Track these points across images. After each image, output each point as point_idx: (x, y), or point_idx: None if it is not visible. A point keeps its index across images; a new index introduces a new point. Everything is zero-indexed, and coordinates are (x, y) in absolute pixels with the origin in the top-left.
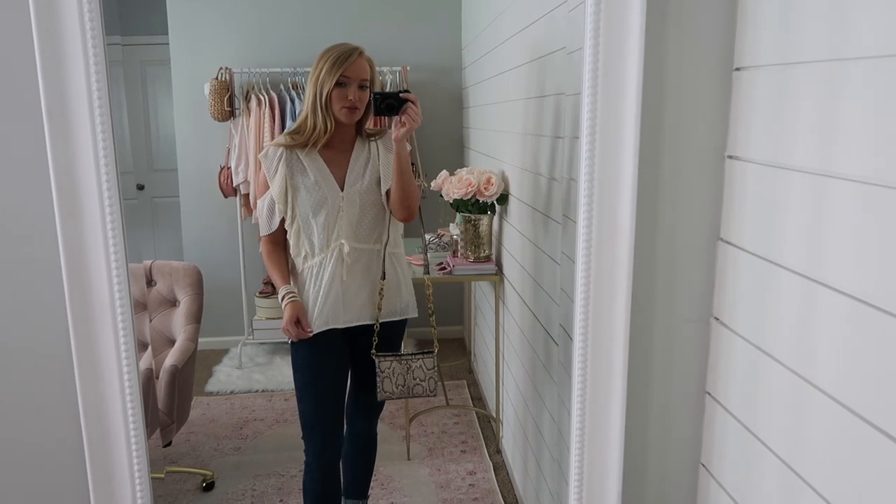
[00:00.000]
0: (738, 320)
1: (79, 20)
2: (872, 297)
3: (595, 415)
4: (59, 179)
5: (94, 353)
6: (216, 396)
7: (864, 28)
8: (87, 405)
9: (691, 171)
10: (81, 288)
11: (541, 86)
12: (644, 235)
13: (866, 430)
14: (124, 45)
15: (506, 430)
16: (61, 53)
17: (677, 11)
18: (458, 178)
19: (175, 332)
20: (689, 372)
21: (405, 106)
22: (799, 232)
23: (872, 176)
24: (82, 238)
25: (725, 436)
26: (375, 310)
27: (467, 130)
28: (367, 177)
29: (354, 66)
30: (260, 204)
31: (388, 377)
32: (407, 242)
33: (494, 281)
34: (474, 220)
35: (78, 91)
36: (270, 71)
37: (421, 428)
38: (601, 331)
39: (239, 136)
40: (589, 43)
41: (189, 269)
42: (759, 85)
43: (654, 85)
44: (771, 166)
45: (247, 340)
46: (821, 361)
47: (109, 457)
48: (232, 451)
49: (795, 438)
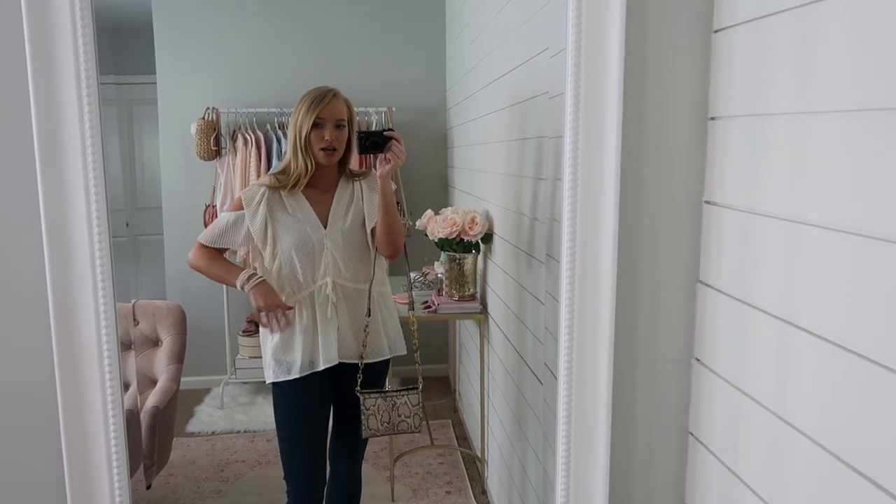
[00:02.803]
0: (718, 361)
1: (73, 56)
2: (845, 341)
3: (580, 455)
4: (49, 220)
5: (79, 395)
6: (197, 437)
7: (831, 83)
8: (71, 448)
9: (671, 214)
10: (69, 329)
11: (523, 128)
12: (626, 277)
13: (844, 471)
14: (117, 84)
15: (491, 470)
16: (55, 91)
17: (655, 61)
18: (443, 217)
19: (157, 371)
20: (671, 412)
21: (389, 143)
22: (774, 276)
23: (842, 223)
24: (71, 276)
25: (709, 476)
26: (360, 348)
27: (452, 170)
28: (351, 216)
29: (329, 108)
30: (222, 216)
31: (374, 414)
32: (392, 281)
33: (479, 319)
34: (459, 258)
35: (71, 129)
36: (257, 111)
37: (405, 468)
38: (585, 371)
39: (225, 175)
40: (570, 89)
41: (172, 309)
42: (733, 134)
43: (634, 131)
44: (746, 212)
45: (229, 380)
46: (798, 403)
47: (92, 500)
48: (212, 493)
49: (776, 479)
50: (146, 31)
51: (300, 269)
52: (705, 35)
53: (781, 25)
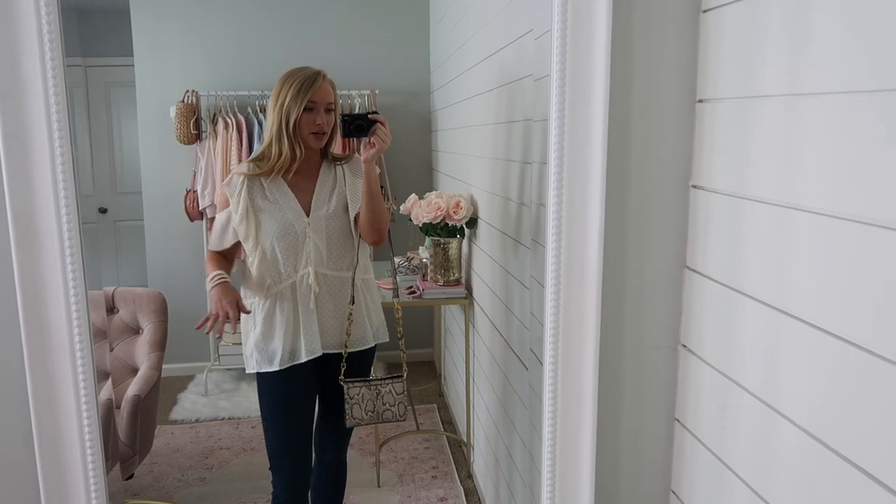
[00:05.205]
0: (704, 348)
1: (37, 39)
2: (835, 328)
3: (566, 440)
4: (14, 203)
5: (50, 384)
6: (181, 425)
7: (822, 64)
8: (43, 439)
9: (657, 199)
10: (37, 316)
11: (509, 111)
12: (612, 262)
13: (832, 458)
14: (87, 66)
15: (477, 454)
16: (18, 74)
17: (642, 42)
18: (428, 201)
19: (138, 360)
20: (658, 399)
21: (374, 127)
22: (762, 261)
23: (832, 208)
24: (39, 264)
25: (695, 463)
26: (344, 336)
27: (436, 154)
28: (334, 202)
29: (320, 91)
30: (217, 218)
31: (358, 403)
32: (376, 266)
33: (464, 304)
34: (443, 243)
35: (36, 112)
36: (238, 94)
37: (391, 454)
38: (571, 357)
39: (205, 159)
40: (556, 71)
41: (153, 296)
42: (721, 117)
43: (620, 114)
44: (734, 196)
45: (213, 366)
46: (786, 390)
47: (66, 492)
48: (197, 481)
49: (764, 466)
50: (123, 12)
51: (281, 259)
52: (693, 15)
53: (773, 4)
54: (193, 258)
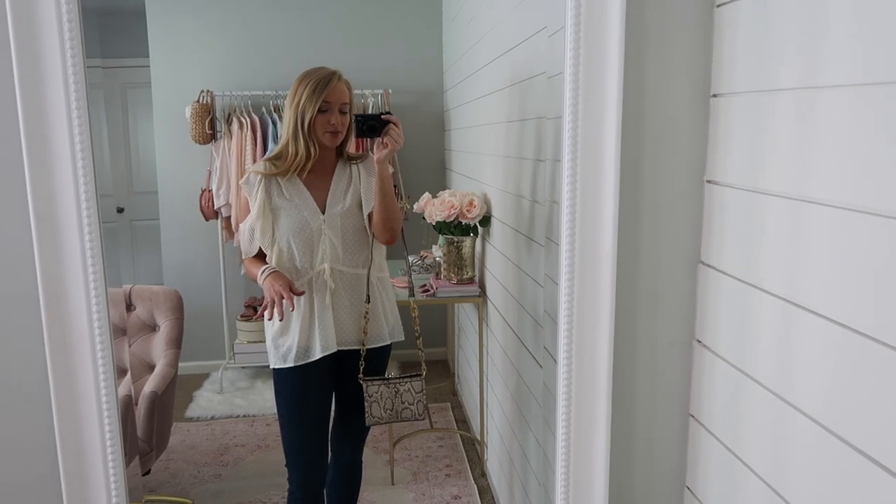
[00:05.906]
0: (719, 343)
1: (59, 41)
2: (850, 321)
3: (580, 438)
4: (37, 204)
5: (71, 381)
6: (196, 422)
7: (837, 57)
8: (64, 435)
9: (672, 194)
10: (59, 314)
11: (522, 109)
12: (626, 259)
13: (848, 452)
14: (105, 67)
15: (490, 453)
16: (40, 76)
17: (656, 38)
18: (441, 200)
19: (155, 357)
20: (672, 395)
21: (387, 127)
22: (777, 256)
23: (848, 201)
24: (61, 263)
25: (710, 459)
26: (361, 334)
27: (449, 153)
28: (349, 200)
29: (335, 91)
30: (242, 227)
31: (377, 401)
32: (390, 265)
33: (478, 303)
34: (457, 242)
35: (58, 114)
36: (252, 94)
37: (405, 452)
38: (585, 354)
39: (220, 158)
40: (569, 68)
41: (169, 294)
42: (736, 111)
43: (634, 110)
44: (749, 191)
45: (228, 365)
46: (801, 384)
47: (86, 487)
48: (212, 478)
49: (779, 461)
50: (139, 14)
51: (298, 256)
52: (708, 9)
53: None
54: (208, 257)
